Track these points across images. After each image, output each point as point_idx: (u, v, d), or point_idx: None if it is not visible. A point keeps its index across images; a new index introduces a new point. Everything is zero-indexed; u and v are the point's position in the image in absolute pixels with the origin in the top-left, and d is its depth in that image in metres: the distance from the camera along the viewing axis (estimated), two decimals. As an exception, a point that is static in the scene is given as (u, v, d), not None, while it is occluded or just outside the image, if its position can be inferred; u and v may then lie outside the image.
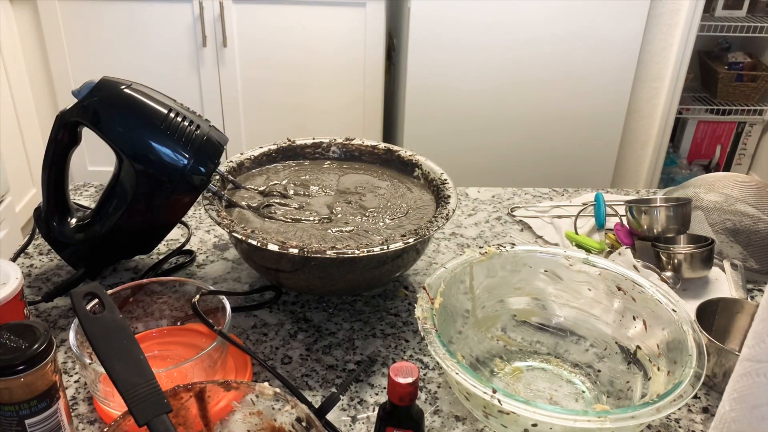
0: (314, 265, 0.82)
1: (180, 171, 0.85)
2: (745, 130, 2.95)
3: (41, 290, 0.93)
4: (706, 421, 0.76)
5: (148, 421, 0.54)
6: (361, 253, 0.78)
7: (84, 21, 2.36)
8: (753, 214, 1.02)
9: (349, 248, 0.79)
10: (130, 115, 0.85)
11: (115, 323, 0.61)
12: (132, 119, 0.85)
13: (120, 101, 0.86)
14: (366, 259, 0.82)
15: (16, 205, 2.40)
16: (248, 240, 0.80)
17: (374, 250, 0.79)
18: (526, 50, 2.38)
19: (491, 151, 2.54)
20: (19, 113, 2.50)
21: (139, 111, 0.85)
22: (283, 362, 0.82)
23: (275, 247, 0.79)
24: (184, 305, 0.83)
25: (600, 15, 2.35)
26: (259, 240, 0.80)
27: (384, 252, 0.79)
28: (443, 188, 0.95)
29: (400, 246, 0.80)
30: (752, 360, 0.48)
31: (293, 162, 1.05)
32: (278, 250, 0.79)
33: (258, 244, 0.79)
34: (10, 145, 2.43)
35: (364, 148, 1.06)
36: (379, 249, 0.79)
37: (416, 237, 0.82)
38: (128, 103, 0.86)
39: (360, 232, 0.88)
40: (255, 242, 0.80)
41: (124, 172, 0.88)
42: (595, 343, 0.83)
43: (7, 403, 0.60)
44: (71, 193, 1.17)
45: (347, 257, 0.79)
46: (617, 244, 1.04)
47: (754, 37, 2.76)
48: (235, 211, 0.91)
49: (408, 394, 0.60)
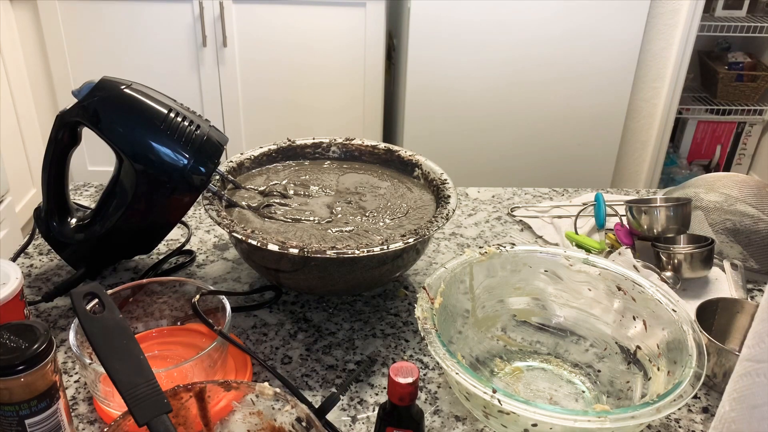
0: (314, 265, 0.82)
1: (180, 171, 0.85)
2: (745, 130, 2.95)
3: (41, 290, 0.93)
4: (706, 421, 0.76)
5: (148, 421, 0.54)
6: (361, 253, 0.78)
7: (84, 21, 2.36)
8: (753, 214, 1.02)
9: (349, 248, 0.79)
10: (130, 115, 0.85)
11: (115, 323, 0.61)
12: (132, 119, 0.85)
13: (120, 101, 0.86)
14: (366, 259, 0.82)
15: (16, 205, 2.40)
16: (248, 240, 0.80)
17: (374, 250, 0.79)
18: (526, 50, 2.38)
19: (491, 151, 2.54)
20: (19, 113, 2.50)
21: (139, 111, 0.85)
22: (283, 362, 0.82)
23: (275, 247, 0.79)
24: (184, 305, 0.83)
25: (600, 15, 2.35)
26: (259, 240, 0.80)
27: (384, 252, 0.79)
28: (443, 188, 0.95)
29: (400, 246, 0.80)
30: (752, 360, 0.48)
31: (293, 162, 1.05)
32: (278, 250, 0.79)
33: (258, 244, 0.79)
34: (10, 145, 2.43)
35: (364, 148, 1.06)
36: (379, 249, 0.79)
37: (416, 237, 0.82)
38: (128, 103, 0.86)
39: (360, 232, 0.88)
40: (255, 242, 0.80)
41: (124, 172, 0.88)
42: (595, 343, 0.83)
43: (7, 403, 0.60)
44: (71, 193, 1.17)
45: (347, 257, 0.79)
46: (617, 244, 1.04)
47: (754, 37, 2.76)
48: (235, 211, 0.91)
49: (408, 394, 0.60)
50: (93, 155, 2.64)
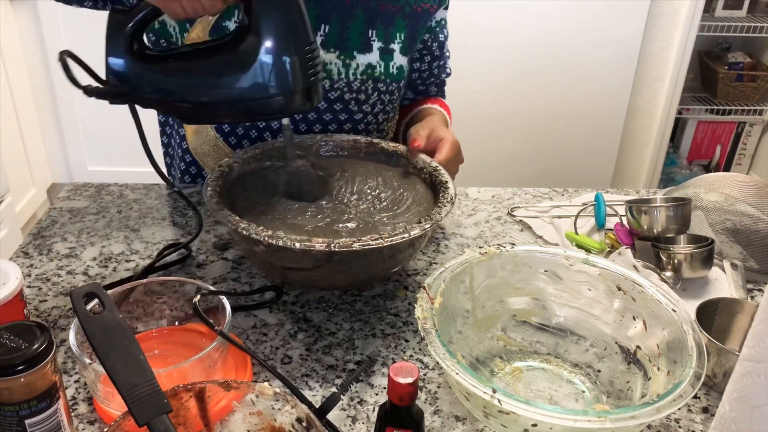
0: (338, 259, 0.82)
1: (286, 87, 0.82)
2: (745, 130, 2.95)
3: (41, 290, 0.93)
4: (706, 421, 0.76)
5: (148, 421, 0.54)
6: (385, 243, 0.79)
7: (84, 21, 2.36)
8: (753, 214, 1.02)
9: (373, 239, 0.79)
10: (286, 5, 0.81)
11: (115, 323, 0.61)
12: (291, 13, 0.82)
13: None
14: (387, 249, 0.82)
15: (16, 205, 2.40)
16: (270, 241, 0.78)
17: (396, 239, 0.79)
18: (526, 50, 2.39)
19: (491, 151, 2.54)
20: (19, 113, 2.50)
21: (300, 16, 0.82)
22: (283, 362, 0.82)
23: (299, 245, 0.78)
24: (184, 305, 0.83)
25: (600, 15, 2.35)
26: (282, 239, 0.78)
27: (404, 240, 0.80)
28: (436, 174, 0.96)
29: (418, 233, 0.81)
30: (752, 360, 0.48)
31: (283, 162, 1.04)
32: (303, 248, 0.78)
33: (282, 244, 0.78)
34: (10, 145, 2.43)
35: (346, 143, 1.06)
36: (400, 238, 0.80)
37: (431, 222, 0.83)
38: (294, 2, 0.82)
39: (367, 227, 0.89)
40: (278, 242, 0.78)
41: (241, 48, 0.83)
42: (595, 343, 0.83)
43: (7, 403, 0.60)
44: (71, 193, 1.17)
45: (372, 248, 0.79)
46: (617, 244, 1.04)
47: (754, 37, 2.76)
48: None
49: (408, 394, 0.60)
50: (93, 155, 2.64)
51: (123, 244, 1.03)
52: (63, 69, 0.82)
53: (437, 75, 1.30)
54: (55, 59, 0.84)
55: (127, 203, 1.15)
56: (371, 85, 1.12)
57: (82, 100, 2.97)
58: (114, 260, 0.99)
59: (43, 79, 2.57)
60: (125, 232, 1.06)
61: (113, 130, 2.63)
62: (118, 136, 2.57)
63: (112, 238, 1.05)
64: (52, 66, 2.47)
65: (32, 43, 2.52)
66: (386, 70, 1.13)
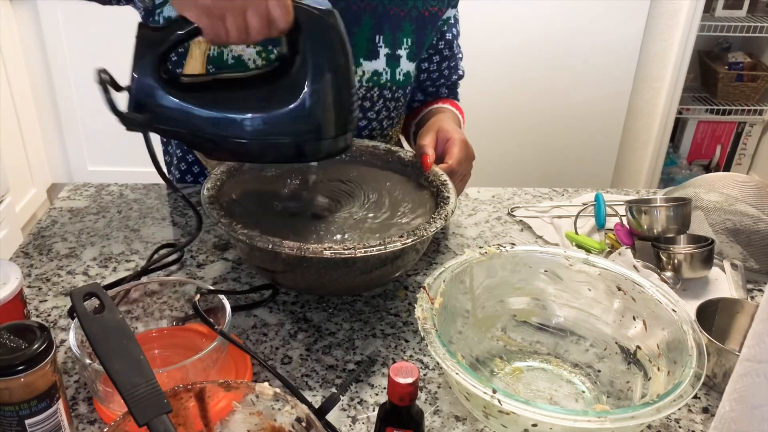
0: (308, 266, 0.82)
1: (327, 131, 0.80)
2: (745, 130, 2.95)
3: (41, 290, 0.93)
4: (706, 421, 0.76)
5: (148, 421, 0.54)
6: (358, 254, 0.78)
7: (84, 21, 2.36)
8: (753, 214, 1.02)
9: (346, 249, 0.78)
10: (335, 48, 0.78)
11: (115, 323, 0.61)
12: (337, 53, 0.78)
13: (329, 27, 0.77)
14: (362, 260, 0.82)
15: (16, 205, 2.40)
16: (246, 240, 0.79)
17: (372, 250, 0.78)
18: (526, 50, 2.39)
19: (491, 151, 2.54)
20: (19, 113, 2.50)
21: (344, 53, 0.78)
22: (283, 362, 0.82)
23: (268, 245, 0.78)
24: (184, 305, 0.83)
25: (600, 15, 2.35)
26: (255, 239, 0.79)
27: (382, 252, 0.79)
28: (443, 189, 0.95)
29: (398, 246, 0.80)
30: (752, 360, 0.48)
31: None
32: (272, 249, 0.78)
33: (258, 245, 0.79)
34: (10, 145, 2.43)
35: (365, 148, 1.06)
36: (377, 250, 0.79)
37: (414, 237, 0.82)
38: (337, 35, 0.77)
39: (361, 234, 0.88)
40: (253, 242, 0.79)
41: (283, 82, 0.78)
42: (595, 343, 0.83)
43: (7, 403, 0.60)
44: (71, 193, 1.17)
45: (344, 258, 0.78)
46: (617, 244, 1.05)
47: (754, 37, 2.76)
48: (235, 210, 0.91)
49: (408, 394, 0.60)
50: (93, 155, 2.64)
51: (123, 244, 1.03)
52: (102, 91, 0.75)
53: (447, 76, 1.27)
54: (55, 59, 0.83)
55: (127, 203, 1.15)
56: (377, 92, 1.12)
57: (82, 100, 2.96)
58: (114, 260, 0.99)
59: (43, 79, 2.57)
60: (125, 232, 1.06)
61: (113, 130, 2.62)
62: (118, 136, 2.56)
63: (112, 238, 1.05)
64: (52, 66, 2.47)
65: (32, 43, 2.52)
66: (392, 77, 1.12)
